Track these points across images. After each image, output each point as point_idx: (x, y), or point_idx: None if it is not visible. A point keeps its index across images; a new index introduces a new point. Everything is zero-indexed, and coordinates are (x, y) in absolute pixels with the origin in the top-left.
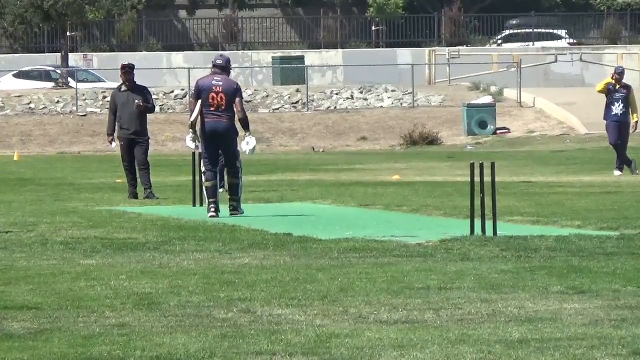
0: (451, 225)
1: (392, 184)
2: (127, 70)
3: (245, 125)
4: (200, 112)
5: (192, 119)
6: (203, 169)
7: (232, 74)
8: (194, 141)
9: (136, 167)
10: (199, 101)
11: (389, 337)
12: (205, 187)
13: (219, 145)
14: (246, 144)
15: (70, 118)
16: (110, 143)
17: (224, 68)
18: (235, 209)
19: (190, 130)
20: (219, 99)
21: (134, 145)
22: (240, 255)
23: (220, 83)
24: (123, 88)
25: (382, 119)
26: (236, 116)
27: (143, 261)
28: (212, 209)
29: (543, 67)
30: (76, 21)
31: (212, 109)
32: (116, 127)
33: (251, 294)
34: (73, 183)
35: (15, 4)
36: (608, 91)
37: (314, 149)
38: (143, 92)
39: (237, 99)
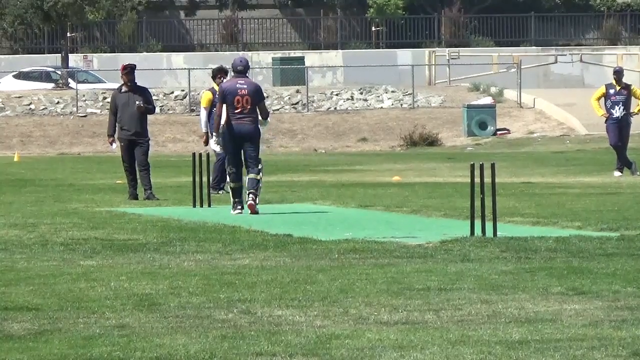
0: (451, 226)
1: (392, 185)
2: (129, 71)
3: (266, 116)
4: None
5: (222, 124)
6: (228, 170)
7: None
8: (218, 144)
9: (136, 168)
10: (224, 105)
11: (389, 338)
12: (232, 187)
13: (242, 147)
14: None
15: (71, 119)
16: (111, 144)
17: (246, 71)
18: (253, 200)
19: (215, 134)
20: (244, 102)
21: (135, 146)
22: (241, 257)
23: (245, 86)
24: (124, 89)
25: (382, 120)
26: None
27: (143, 262)
28: (239, 207)
29: (543, 68)
30: (76, 22)
31: (237, 111)
32: (117, 128)
33: (251, 295)
34: (73, 184)
35: (16, 5)
36: (608, 94)
37: (316, 151)
38: (144, 93)
39: (261, 102)
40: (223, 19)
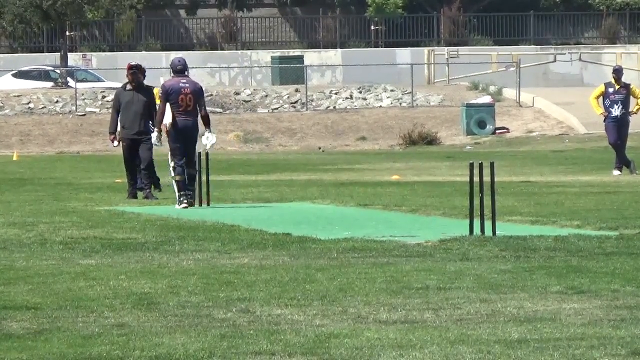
0: (450, 225)
1: (391, 184)
2: (134, 71)
3: (208, 122)
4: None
5: (168, 121)
6: (172, 164)
7: (232, 73)
8: (159, 140)
9: (139, 166)
10: (168, 104)
11: (388, 337)
12: (177, 180)
13: (185, 142)
14: (206, 139)
15: (70, 118)
16: (112, 142)
17: (185, 70)
18: (192, 197)
19: (156, 129)
20: (187, 100)
21: (137, 145)
22: (240, 255)
23: (188, 85)
24: (128, 87)
25: (381, 119)
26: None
27: (142, 261)
28: (185, 201)
29: (542, 67)
30: (75, 21)
31: (181, 109)
32: (118, 127)
33: (250, 294)
34: (72, 183)
35: (15, 4)
36: (607, 93)
37: (320, 149)
38: (147, 92)
39: (202, 100)
40: (222, 18)
